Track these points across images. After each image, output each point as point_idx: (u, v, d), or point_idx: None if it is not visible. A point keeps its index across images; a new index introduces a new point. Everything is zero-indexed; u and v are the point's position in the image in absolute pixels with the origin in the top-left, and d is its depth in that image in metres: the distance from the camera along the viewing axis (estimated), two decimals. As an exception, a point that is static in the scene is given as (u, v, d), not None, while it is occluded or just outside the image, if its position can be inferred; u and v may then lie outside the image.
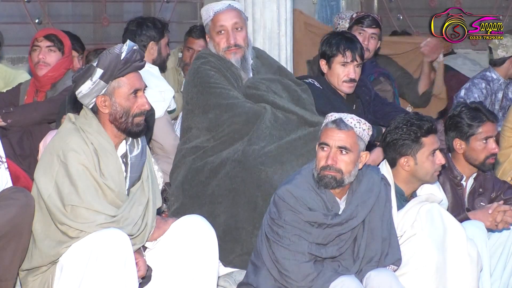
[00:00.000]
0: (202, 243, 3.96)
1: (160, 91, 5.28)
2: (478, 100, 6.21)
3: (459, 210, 4.62)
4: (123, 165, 3.87)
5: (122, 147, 3.89)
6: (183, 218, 4.04)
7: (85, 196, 3.70)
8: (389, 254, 4.10)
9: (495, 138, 4.79)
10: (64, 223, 3.69)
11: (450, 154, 4.77)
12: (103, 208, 3.72)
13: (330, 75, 5.13)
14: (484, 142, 4.68)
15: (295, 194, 4.02)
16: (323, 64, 5.15)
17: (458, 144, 4.72)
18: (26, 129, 5.27)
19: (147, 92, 3.89)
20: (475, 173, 4.78)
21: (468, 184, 4.78)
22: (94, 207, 3.70)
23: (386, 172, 4.37)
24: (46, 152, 3.85)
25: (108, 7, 7.81)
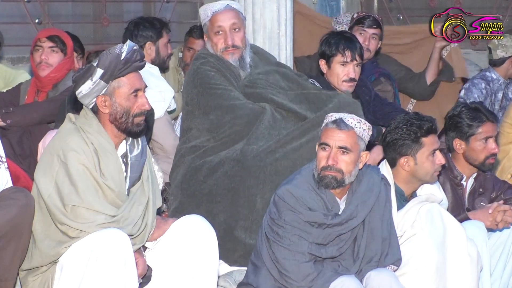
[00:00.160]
0: (202, 243, 3.96)
1: (160, 91, 5.27)
2: (478, 100, 6.20)
3: (459, 210, 4.62)
4: (123, 165, 3.87)
5: (122, 147, 3.89)
6: (183, 218, 4.04)
7: (85, 196, 3.70)
8: (389, 254, 4.10)
9: (495, 138, 4.79)
10: (64, 223, 3.69)
11: (450, 154, 4.77)
12: (103, 208, 3.72)
13: (329, 75, 5.13)
14: (484, 142, 4.68)
15: (295, 194, 4.02)
16: (323, 64, 5.15)
17: (458, 144, 4.72)
18: (26, 129, 5.25)
19: (147, 92, 3.89)
20: (475, 173, 4.78)
21: (468, 184, 4.78)
22: (94, 207, 3.70)
23: (386, 172, 4.37)
24: (46, 152, 3.85)
25: (108, 7, 7.80)
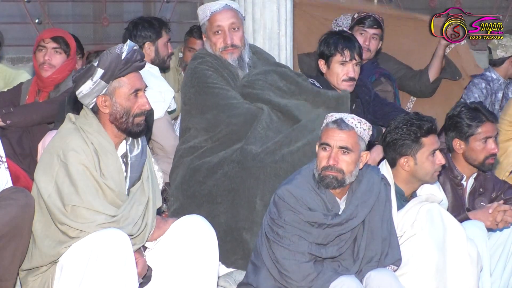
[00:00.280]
0: (202, 243, 3.96)
1: (160, 92, 5.27)
2: (478, 100, 6.21)
3: (459, 210, 4.62)
4: (123, 165, 3.87)
5: (122, 147, 3.89)
6: (183, 218, 4.04)
7: (85, 196, 3.70)
8: (389, 254, 4.10)
9: (495, 138, 4.79)
10: (64, 223, 3.69)
11: (450, 154, 4.77)
12: (103, 208, 3.72)
13: (329, 75, 5.13)
14: (483, 142, 4.68)
15: (295, 194, 4.02)
16: (322, 64, 5.15)
17: (458, 144, 4.72)
18: (25, 128, 5.24)
19: (147, 92, 3.89)
20: (475, 173, 4.78)
21: (468, 184, 4.78)
22: (94, 207, 3.70)
23: (386, 172, 4.37)
24: (46, 152, 3.85)
25: (108, 7, 7.80)
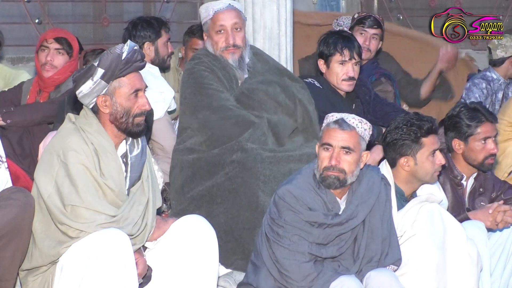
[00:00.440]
0: (202, 243, 3.96)
1: (160, 92, 5.26)
2: (478, 100, 6.21)
3: (459, 210, 4.62)
4: (123, 165, 3.87)
5: (122, 147, 3.89)
6: (183, 218, 4.04)
7: (85, 196, 3.70)
8: (389, 254, 4.10)
9: (494, 138, 4.79)
10: (64, 223, 3.69)
11: (450, 154, 4.77)
12: (103, 208, 3.72)
13: (329, 75, 5.14)
14: (482, 142, 4.68)
15: (295, 194, 4.02)
16: (321, 63, 5.15)
17: (457, 144, 4.72)
18: (26, 129, 5.23)
19: (147, 92, 3.89)
20: (475, 173, 4.78)
21: (468, 184, 4.78)
22: (94, 207, 3.70)
23: (386, 172, 4.37)
24: (46, 152, 3.85)
25: (108, 7, 7.80)
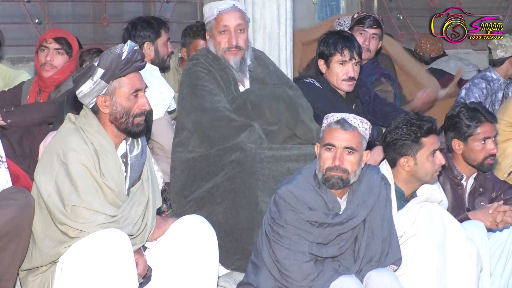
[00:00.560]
0: (202, 243, 3.96)
1: (160, 92, 5.26)
2: (478, 100, 6.21)
3: (459, 210, 4.61)
4: (123, 165, 3.87)
5: (122, 147, 3.89)
6: (183, 218, 4.04)
7: (85, 196, 3.70)
8: (389, 254, 4.10)
9: (494, 138, 4.79)
10: (64, 223, 3.69)
11: (450, 154, 4.77)
12: (103, 208, 3.72)
13: (329, 75, 5.14)
14: (482, 142, 4.68)
15: (296, 194, 4.02)
16: (321, 64, 5.15)
17: (457, 144, 4.72)
18: (26, 129, 5.23)
19: (147, 92, 3.89)
20: (475, 173, 4.78)
21: (468, 184, 4.78)
22: (94, 207, 3.70)
23: (386, 172, 4.37)
24: (46, 152, 3.85)
25: (108, 7, 7.80)
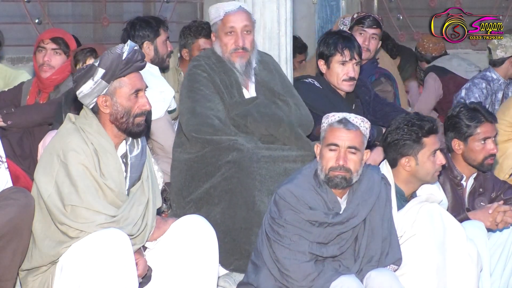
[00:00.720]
0: (202, 243, 3.96)
1: (160, 91, 5.27)
2: (478, 100, 6.21)
3: (459, 210, 4.61)
4: (123, 165, 3.87)
5: (122, 147, 3.89)
6: (183, 218, 4.04)
7: (85, 196, 3.70)
8: (389, 254, 4.10)
9: (494, 138, 4.79)
10: (64, 223, 3.69)
11: (450, 154, 4.77)
12: (103, 208, 3.72)
13: (329, 75, 5.13)
14: (482, 142, 4.67)
15: (296, 194, 4.02)
16: (321, 64, 5.15)
17: (457, 144, 4.71)
18: (26, 129, 5.23)
19: (147, 92, 3.89)
20: (475, 173, 4.78)
21: (468, 184, 4.78)
22: (94, 207, 3.70)
23: (387, 172, 4.37)
24: (46, 152, 3.85)
25: (108, 7, 7.81)
